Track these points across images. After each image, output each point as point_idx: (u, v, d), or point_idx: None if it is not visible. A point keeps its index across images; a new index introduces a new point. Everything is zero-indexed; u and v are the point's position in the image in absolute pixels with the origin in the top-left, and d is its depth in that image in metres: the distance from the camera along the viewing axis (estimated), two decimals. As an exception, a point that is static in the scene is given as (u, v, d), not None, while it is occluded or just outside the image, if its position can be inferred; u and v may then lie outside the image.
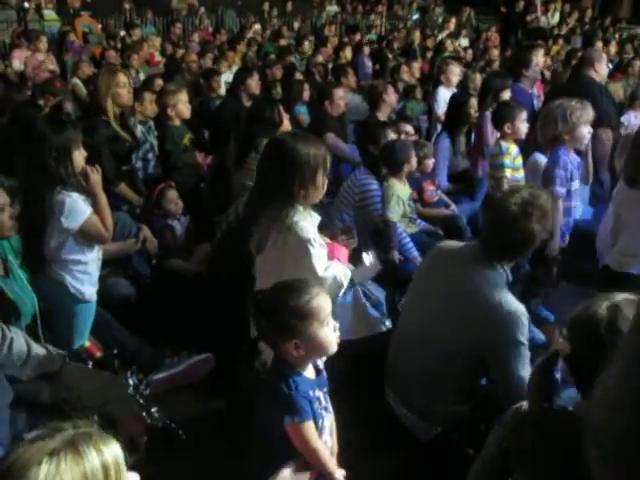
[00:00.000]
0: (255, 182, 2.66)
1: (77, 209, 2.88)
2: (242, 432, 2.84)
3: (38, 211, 2.81)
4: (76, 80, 7.20)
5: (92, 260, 3.02)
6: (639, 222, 3.19)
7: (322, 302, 1.97)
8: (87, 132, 4.23)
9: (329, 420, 2.10)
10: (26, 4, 10.15)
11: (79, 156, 2.95)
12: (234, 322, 2.97)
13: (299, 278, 2.08)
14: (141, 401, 2.67)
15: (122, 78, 4.22)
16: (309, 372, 2.04)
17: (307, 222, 2.47)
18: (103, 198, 2.99)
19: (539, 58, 5.69)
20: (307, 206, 2.53)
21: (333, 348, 2.01)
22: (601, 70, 5.25)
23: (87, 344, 2.97)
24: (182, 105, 4.59)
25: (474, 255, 2.55)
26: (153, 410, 2.72)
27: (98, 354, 2.93)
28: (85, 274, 3.00)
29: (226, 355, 3.19)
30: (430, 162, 4.84)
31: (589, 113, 3.69)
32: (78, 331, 2.97)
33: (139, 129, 5.22)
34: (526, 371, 2.46)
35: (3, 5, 10.34)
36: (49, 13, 10.71)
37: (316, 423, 1.99)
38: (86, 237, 2.94)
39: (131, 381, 2.70)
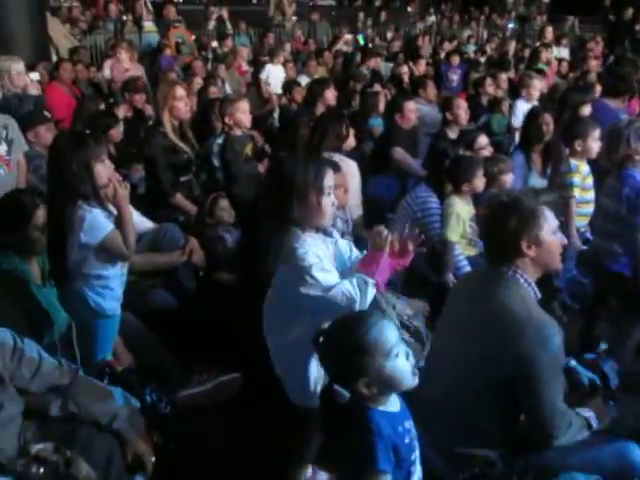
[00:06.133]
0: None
1: (97, 225, 2.86)
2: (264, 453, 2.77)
3: (60, 226, 2.82)
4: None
5: (115, 275, 3.01)
6: None
7: (382, 332, 1.82)
8: (144, 143, 4.33)
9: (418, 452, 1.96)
10: (124, 17, 10.59)
11: (103, 170, 2.93)
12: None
13: (357, 311, 1.96)
14: (156, 419, 2.63)
15: (179, 91, 4.24)
16: (393, 405, 1.90)
17: (308, 247, 2.33)
18: (127, 214, 2.96)
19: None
20: (311, 229, 2.39)
21: (408, 380, 1.86)
22: None
23: (109, 358, 2.96)
24: (240, 114, 4.55)
25: (495, 271, 2.34)
26: (169, 429, 2.68)
27: (119, 369, 2.91)
28: (107, 289, 2.98)
29: (257, 375, 3.10)
30: (507, 178, 4.53)
31: None
32: (100, 345, 2.97)
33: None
34: (559, 395, 2.23)
35: (104, 20, 10.85)
36: (149, 25, 11.13)
37: (409, 457, 1.88)
38: (106, 253, 2.92)
39: (149, 398, 2.67)
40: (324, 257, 2.37)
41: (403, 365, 1.83)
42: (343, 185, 3.53)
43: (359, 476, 1.79)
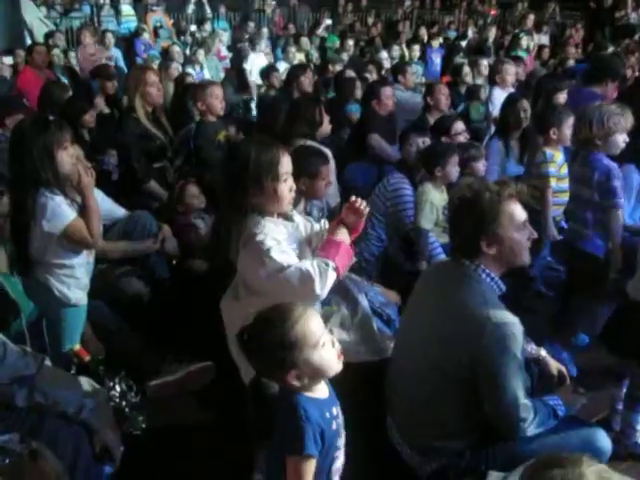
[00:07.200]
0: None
1: (59, 213, 2.80)
2: (234, 444, 2.75)
3: (22, 213, 2.76)
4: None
5: (79, 264, 2.95)
6: None
7: (307, 325, 1.80)
8: (118, 129, 4.28)
9: (344, 438, 1.96)
10: (101, 0, 10.43)
11: (66, 157, 2.86)
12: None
13: (278, 305, 1.89)
14: (126, 409, 2.61)
15: (151, 77, 4.18)
16: (320, 392, 1.89)
17: (267, 232, 2.28)
18: (92, 202, 2.88)
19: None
20: (271, 215, 2.35)
21: (335, 367, 1.86)
22: None
23: (77, 347, 2.93)
24: (212, 100, 4.46)
25: (459, 265, 2.32)
26: (140, 419, 2.65)
27: (87, 358, 2.88)
28: (72, 278, 2.93)
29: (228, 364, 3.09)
30: (480, 165, 4.50)
31: (628, 120, 3.35)
32: (67, 334, 2.92)
33: None
34: (520, 390, 2.21)
35: (80, 3, 10.66)
36: (126, 8, 10.97)
37: (336, 442, 1.88)
38: (69, 242, 2.86)
39: (118, 387, 2.64)
40: (284, 241, 2.32)
41: (329, 353, 1.84)
42: (328, 178, 3.48)
43: (286, 460, 1.79)
